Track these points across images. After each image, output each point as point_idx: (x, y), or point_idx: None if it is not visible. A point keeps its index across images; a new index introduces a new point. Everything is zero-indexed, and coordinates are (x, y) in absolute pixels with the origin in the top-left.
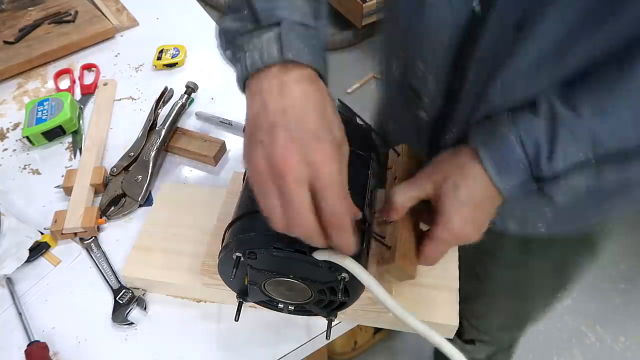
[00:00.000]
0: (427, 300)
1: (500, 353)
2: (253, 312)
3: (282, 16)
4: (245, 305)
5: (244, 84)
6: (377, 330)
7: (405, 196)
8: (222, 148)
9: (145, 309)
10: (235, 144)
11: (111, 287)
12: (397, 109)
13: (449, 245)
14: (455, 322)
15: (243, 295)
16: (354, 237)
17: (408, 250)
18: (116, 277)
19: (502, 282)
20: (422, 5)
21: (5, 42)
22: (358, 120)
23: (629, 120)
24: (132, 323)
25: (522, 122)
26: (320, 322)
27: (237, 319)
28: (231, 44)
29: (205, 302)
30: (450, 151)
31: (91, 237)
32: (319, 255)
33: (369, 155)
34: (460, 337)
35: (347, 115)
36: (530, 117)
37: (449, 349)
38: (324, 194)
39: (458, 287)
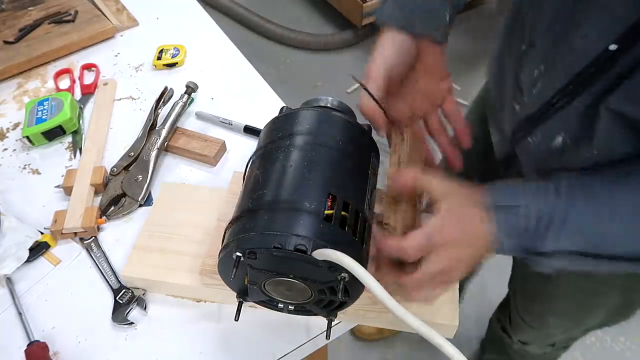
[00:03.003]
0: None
1: (554, 351)
2: (253, 312)
3: None
4: (245, 305)
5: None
6: None
7: (418, 177)
8: (222, 148)
9: (145, 308)
10: (235, 143)
11: (111, 287)
12: (503, 89)
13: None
14: (455, 322)
15: (243, 295)
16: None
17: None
18: (116, 277)
19: (566, 285)
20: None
21: (5, 42)
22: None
23: (625, 234)
24: (132, 323)
25: (537, 198)
26: (320, 322)
27: (237, 318)
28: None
29: (205, 302)
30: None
31: (91, 237)
32: (319, 255)
33: (369, 155)
34: (515, 337)
35: (347, 116)
36: (548, 195)
37: (449, 348)
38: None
39: (458, 287)
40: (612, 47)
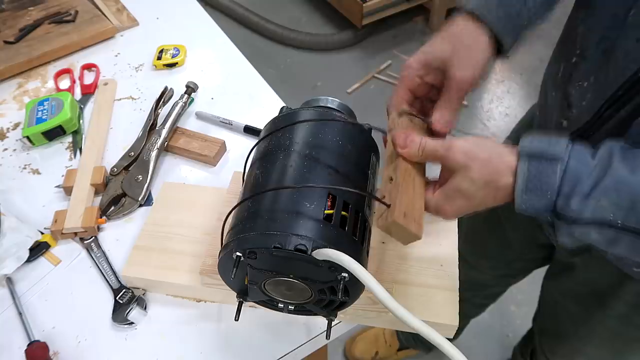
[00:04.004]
0: (427, 300)
1: None
2: (253, 311)
3: None
4: (245, 305)
5: None
6: (402, 347)
7: (428, 144)
8: (222, 148)
9: (145, 308)
10: (235, 143)
11: (111, 287)
12: (546, 108)
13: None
14: (455, 322)
15: (243, 295)
16: None
17: (411, 209)
18: (116, 277)
19: (602, 330)
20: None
21: (6, 42)
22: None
23: None
24: (132, 323)
25: (575, 153)
26: (320, 322)
27: (237, 318)
28: None
29: (205, 302)
30: (493, 143)
31: (91, 237)
32: (319, 255)
33: (368, 154)
34: None
35: (347, 116)
36: (585, 154)
37: (449, 348)
38: None
39: (458, 287)
40: None
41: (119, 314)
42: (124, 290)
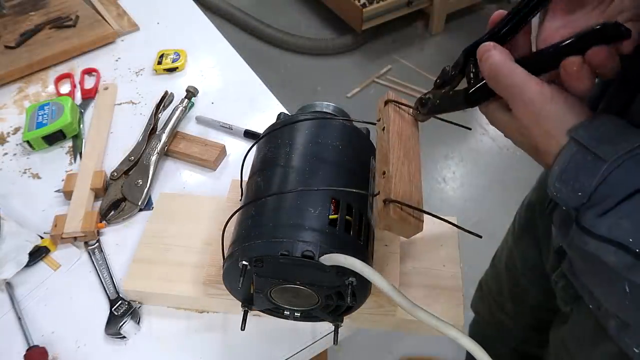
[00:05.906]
0: (431, 302)
1: None
2: (252, 317)
3: None
4: (249, 313)
5: None
6: None
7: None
8: (222, 152)
9: (138, 322)
10: (235, 148)
11: (109, 297)
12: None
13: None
14: (461, 321)
15: (248, 303)
16: None
17: (408, 199)
18: (114, 287)
19: None
20: None
21: (6, 47)
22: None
23: None
24: (124, 337)
25: (631, 162)
26: (320, 326)
27: (243, 327)
28: None
29: (208, 312)
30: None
31: (96, 242)
32: (327, 260)
33: (368, 157)
34: None
35: (345, 119)
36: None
37: (465, 341)
38: None
39: (462, 285)
40: None
41: (112, 326)
42: (120, 302)
